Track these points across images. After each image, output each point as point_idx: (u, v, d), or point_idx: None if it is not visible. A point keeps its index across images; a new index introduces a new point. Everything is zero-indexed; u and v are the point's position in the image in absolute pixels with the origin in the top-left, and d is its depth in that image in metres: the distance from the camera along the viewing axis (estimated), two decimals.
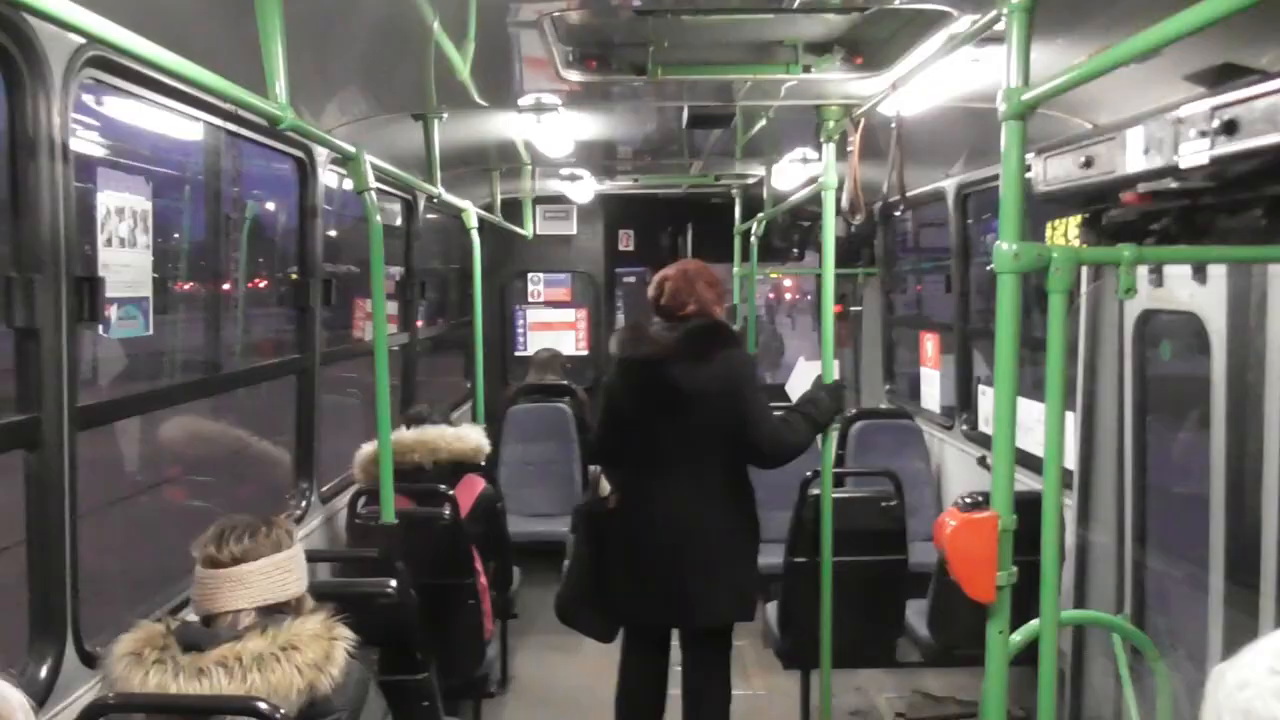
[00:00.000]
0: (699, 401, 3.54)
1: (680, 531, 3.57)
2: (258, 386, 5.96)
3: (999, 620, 2.12)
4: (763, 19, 2.93)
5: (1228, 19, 2.46)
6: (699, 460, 3.58)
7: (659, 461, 3.61)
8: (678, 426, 3.56)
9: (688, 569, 3.57)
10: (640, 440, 3.64)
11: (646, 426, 3.61)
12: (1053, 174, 3.44)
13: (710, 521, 3.59)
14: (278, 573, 2.11)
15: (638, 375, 3.65)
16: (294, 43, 2.53)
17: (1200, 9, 1.56)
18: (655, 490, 3.63)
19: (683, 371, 3.55)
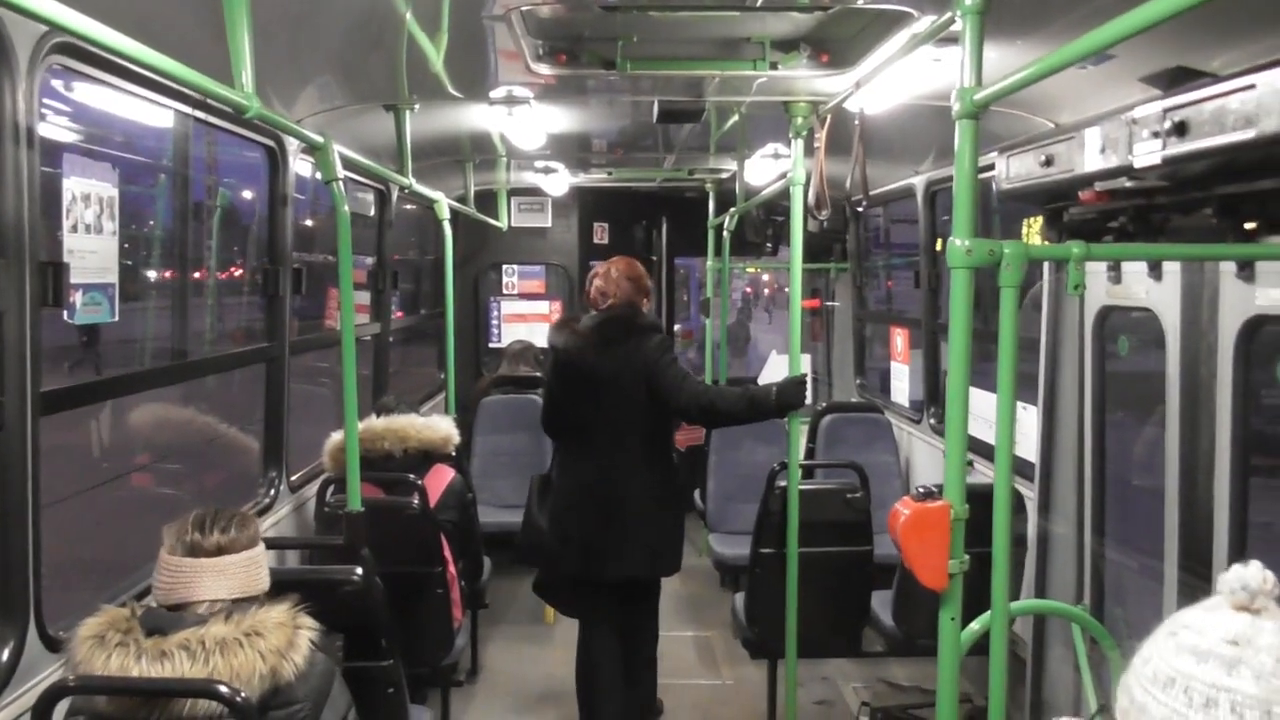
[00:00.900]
0: (611, 384, 4.00)
1: (598, 497, 4.05)
2: (230, 375, 5.96)
3: (950, 608, 2.17)
4: (730, 15, 2.96)
5: (1179, 23, 2.54)
6: (615, 435, 4.04)
7: (582, 437, 4.12)
8: (595, 406, 4.04)
9: (601, 528, 4.03)
10: (568, 419, 4.17)
11: (571, 407, 4.12)
12: (1014, 172, 3.50)
13: (624, 489, 4.03)
14: (253, 566, 2.14)
15: (562, 363, 4.14)
16: (266, 31, 2.55)
17: (1140, 12, 1.61)
18: (579, 461, 4.13)
19: (597, 357, 4.02)
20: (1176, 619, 1.29)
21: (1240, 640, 1.20)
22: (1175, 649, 1.24)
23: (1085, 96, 3.37)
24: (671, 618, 5.94)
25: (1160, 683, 1.24)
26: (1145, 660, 1.29)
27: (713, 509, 5.91)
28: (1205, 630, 1.23)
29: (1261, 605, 1.22)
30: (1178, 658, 1.23)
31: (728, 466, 5.89)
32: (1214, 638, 1.21)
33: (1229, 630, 1.21)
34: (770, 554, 4.08)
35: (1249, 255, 2.55)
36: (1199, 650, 1.22)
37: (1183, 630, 1.26)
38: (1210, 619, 1.24)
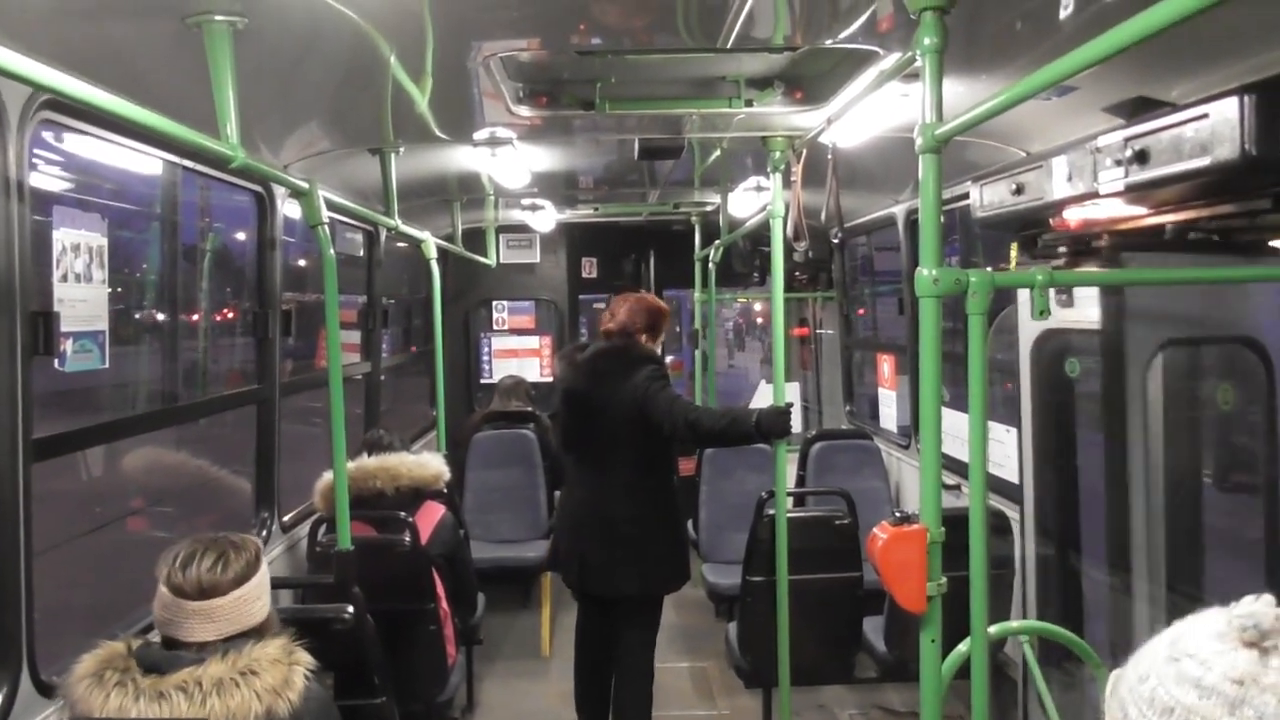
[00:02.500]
0: (605, 410, 4.23)
1: (593, 517, 4.28)
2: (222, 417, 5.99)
3: (930, 630, 2.21)
4: (704, 57, 3.04)
5: (1138, 55, 2.62)
6: (609, 459, 4.28)
7: (582, 459, 4.40)
8: (592, 431, 4.30)
9: (595, 547, 4.27)
10: (573, 444, 4.45)
11: (575, 432, 4.41)
12: (988, 200, 3.58)
13: (616, 510, 4.24)
14: (244, 604, 2.11)
15: (563, 390, 4.45)
16: (253, 79, 2.62)
17: (1089, 49, 1.67)
18: (580, 483, 4.41)
19: (592, 386, 4.28)
20: (1178, 643, 1.27)
21: (1245, 680, 1.19)
22: (1177, 678, 1.24)
23: (1053, 126, 3.46)
24: (666, 649, 5.94)
25: (1158, 709, 1.24)
26: (1142, 678, 1.28)
27: (705, 538, 5.94)
28: (1211, 664, 1.21)
29: (1271, 644, 1.21)
30: (1179, 687, 1.23)
31: (719, 496, 5.93)
32: (1219, 674, 1.20)
33: (1235, 668, 1.19)
34: (760, 582, 4.10)
35: (1216, 279, 2.62)
36: (1202, 685, 1.21)
37: (1186, 659, 1.24)
38: (1216, 651, 1.23)
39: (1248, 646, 1.22)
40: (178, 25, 2.18)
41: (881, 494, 5.80)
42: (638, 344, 4.31)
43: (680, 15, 2.60)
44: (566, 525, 4.46)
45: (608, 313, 4.43)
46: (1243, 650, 1.22)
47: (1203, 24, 2.35)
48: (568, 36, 2.79)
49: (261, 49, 2.49)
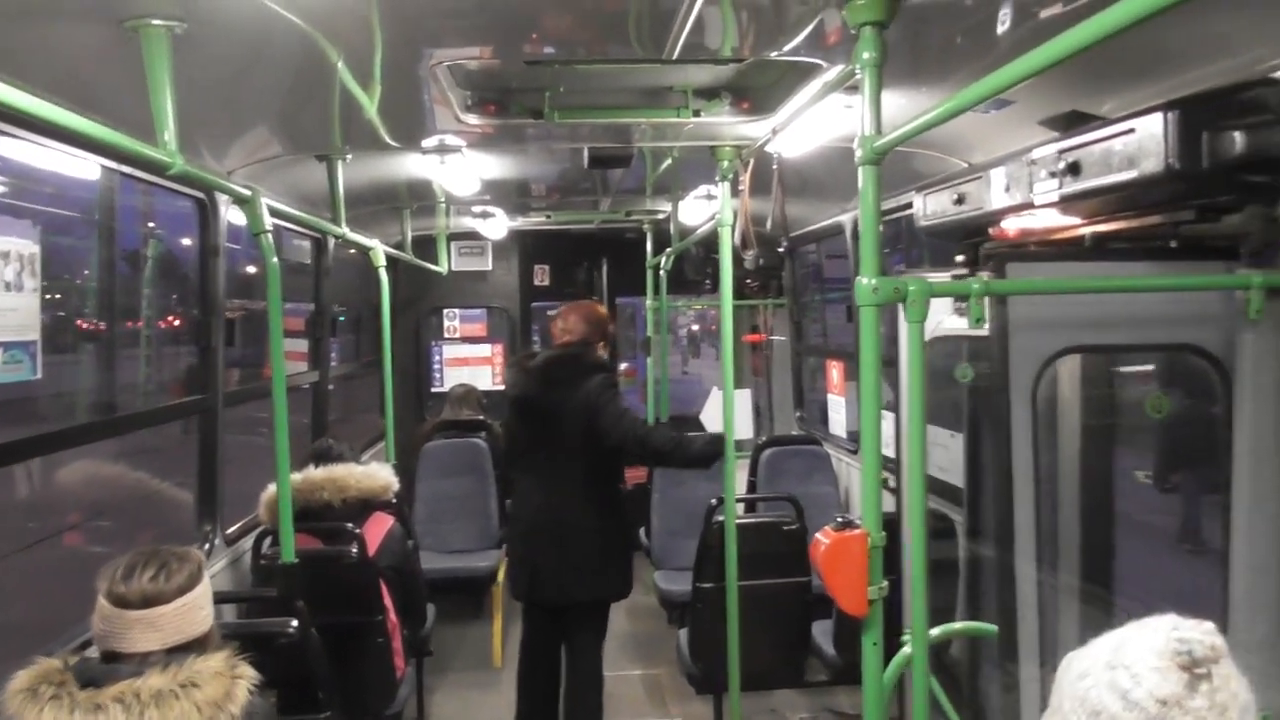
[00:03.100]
0: (556, 418, 4.30)
1: (544, 525, 4.33)
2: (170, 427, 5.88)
3: (872, 633, 2.25)
4: (651, 67, 3.06)
5: (1072, 71, 2.69)
6: (560, 466, 4.34)
7: (532, 467, 4.45)
8: (543, 439, 4.36)
9: (546, 555, 4.32)
10: (522, 451, 4.50)
11: (524, 439, 4.47)
12: (931, 210, 3.64)
13: (566, 518, 4.31)
14: (188, 612, 2.08)
15: (513, 397, 4.47)
16: (193, 85, 2.58)
17: (1018, 65, 1.72)
18: (530, 491, 4.46)
19: (543, 393, 4.33)
20: (1120, 650, 1.32)
21: (1170, 701, 1.25)
22: (1109, 684, 1.29)
23: (993, 138, 3.54)
24: (619, 656, 5.96)
25: (1088, 709, 1.29)
26: (1081, 675, 1.33)
27: (657, 546, 5.96)
28: (1141, 680, 1.26)
29: (1202, 672, 1.27)
30: (1109, 694, 1.28)
31: (671, 503, 5.95)
32: (1146, 690, 1.25)
33: (1162, 688, 1.25)
34: (710, 588, 4.13)
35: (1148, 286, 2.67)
36: (1129, 698, 1.26)
37: (1121, 669, 1.29)
38: (1150, 668, 1.27)
39: (1181, 670, 1.27)
40: (114, 29, 2.15)
41: (831, 499, 5.86)
42: (590, 352, 4.40)
43: (629, 26, 2.62)
44: (518, 534, 4.48)
45: (558, 322, 4.48)
46: (1175, 672, 1.26)
47: (1132, 41, 2.42)
48: (517, 45, 2.79)
49: (202, 54, 2.46)
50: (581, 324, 4.40)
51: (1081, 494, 3.01)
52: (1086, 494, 3.01)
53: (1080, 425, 2.98)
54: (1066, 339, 2.58)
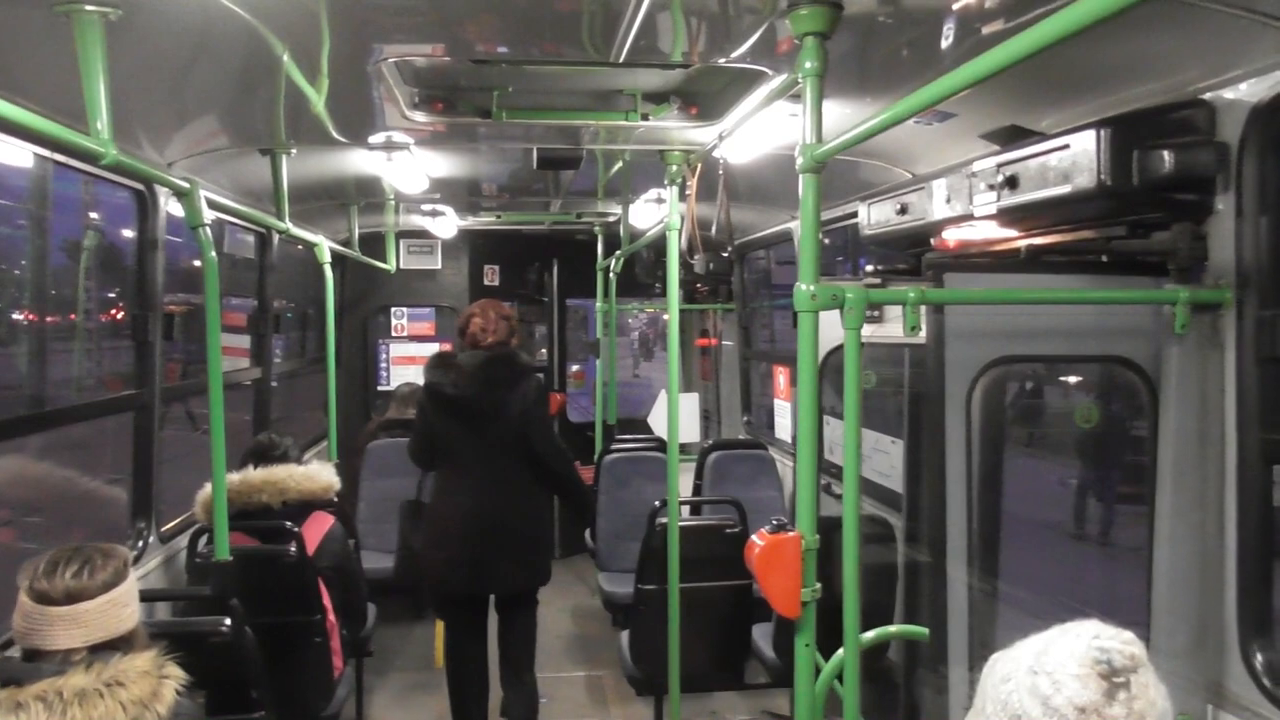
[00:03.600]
0: (495, 417, 4.39)
1: (483, 521, 4.38)
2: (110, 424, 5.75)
3: (805, 634, 2.28)
4: (600, 70, 3.06)
5: (1013, 86, 2.75)
6: (497, 464, 4.42)
7: (463, 466, 4.46)
8: (479, 438, 4.41)
9: (487, 549, 4.38)
10: (449, 450, 4.50)
11: (454, 439, 4.45)
12: (875, 219, 3.70)
13: (506, 513, 4.42)
14: (112, 609, 2.07)
15: (447, 397, 4.41)
16: (130, 74, 2.53)
17: (951, 79, 1.75)
18: (461, 489, 4.46)
19: (482, 393, 4.37)
20: (1043, 656, 1.34)
21: (1088, 709, 1.27)
22: (1031, 690, 1.31)
23: (938, 150, 3.59)
24: (562, 658, 5.96)
25: (1009, 714, 1.32)
26: (1004, 679, 1.36)
27: (603, 548, 5.95)
28: (1061, 687, 1.29)
29: (1120, 680, 1.30)
30: (1030, 699, 1.31)
31: (617, 505, 5.95)
32: (1065, 698, 1.28)
33: (1081, 696, 1.28)
34: (652, 590, 4.15)
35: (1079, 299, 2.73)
36: (1049, 705, 1.29)
37: (1043, 675, 1.31)
38: (1071, 675, 1.30)
39: (1100, 678, 1.30)
40: (45, 13, 2.10)
41: (775, 503, 5.90)
42: (519, 353, 4.56)
43: (582, 28, 2.62)
44: (453, 533, 4.43)
45: (478, 320, 4.49)
46: (1094, 681, 1.30)
47: (1069, 59, 2.50)
48: (465, 44, 2.78)
49: (140, 42, 2.41)
50: (504, 324, 4.49)
51: (1012, 500, 3.07)
52: (1018, 500, 3.08)
53: (1013, 433, 3.05)
54: (1001, 349, 2.64)
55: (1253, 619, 2.43)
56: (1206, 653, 2.51)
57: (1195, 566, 2.52)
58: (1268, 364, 2.38)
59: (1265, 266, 2.35)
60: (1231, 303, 2.39)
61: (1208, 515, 2.50)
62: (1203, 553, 2.51)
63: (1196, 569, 2.52)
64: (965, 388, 2.61)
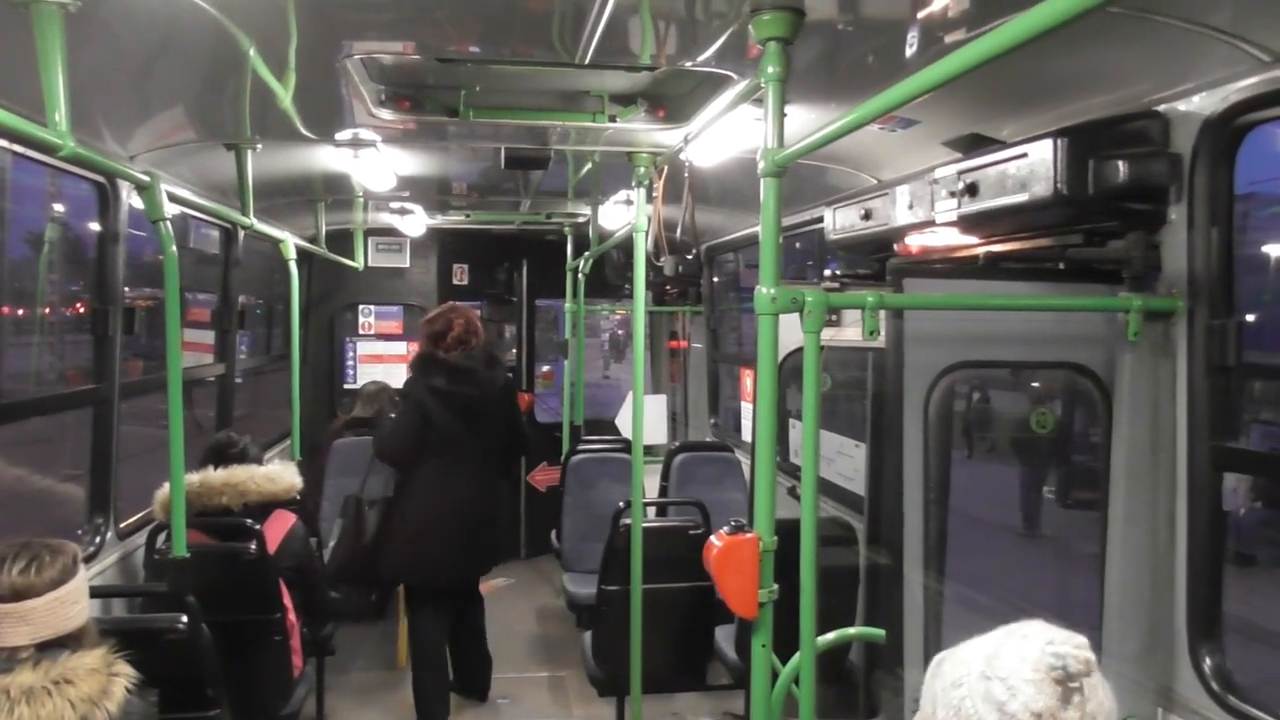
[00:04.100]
0: (486, 412, 4.72)
1: (474, 511, 4.76)
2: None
3: (761, 635, 2.29)
4: (567, 71, 3.07)
5: (973, 95, 2.79)
6: (485, 456, 4.80)
7: (457, 461, 4.70)
8: (473, 433, 4.69)
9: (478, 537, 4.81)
10: (443, 446, 4.68)
11: (439, 432, 4.66)
12: (840, 224, 3.73)
13: (489, 501, 4.90)
14: (61, 606, 2.05)
15: (447, 393, 4.61)
16: (91, 65, 2.51)
17: (905, 86, 1.78)
18: (456, 483, 4.70)
19: (480, 390, 4.67)
20: (994, 660, 1.35)
21: (1044, 715, 1.28)
22: (985, 695, 1.32)
23: (903, 155, 3.63)
24: (526, 658, 5.95)
25: (961, 718, 1.33)
26: (955, 684, 1.36)
27: (568, 549, 5.95)
28: (1016, 693, 1.30)
29: (1075, 685, 1.31)
30: (984, 705, 1.31)
31: (582, 506, 5.96)
32: (1020, 704, 1.29)
33: (1037, 701, 1.29)
34: (615, 591, 4.15)
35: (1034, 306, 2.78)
36: (1004, 710, 1.29)
37: (997, 681, 1.32)
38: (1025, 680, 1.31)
39: (1055, 684, 1.31)
40: (3, 4, 2.07)
41: (741, 505, 5.92)
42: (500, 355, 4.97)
43: (545, 29, 2.62)
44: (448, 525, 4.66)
45: (459, 322, 4.77)
46: (1050, 686, 1.31)
47: (1027, 69, 2.54)
48: (432, 42, 2.78)
49: (101, 34, 2.39)
50: (478, 325, 4.84)
51: (968, 503, 3.12)
52: (974, 503, 3.12)
53: (970, 437, 3.09)
54: (958, 354, 2.68)
55: (1202, 623, 2.48)
56: (1157, 656, 2.55)
57: (1146, 571, 2.56)
58: (1217, 373, 2.43)
59: (1216, 276, 2.40)
60: (1183, 311, 2.44)
61: (1159, 521, 2.54)
62: (1154, 558, 2.55)
63: (1148, 574, 2.56)
64: (923, 392, 2.64)
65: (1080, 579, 3.30)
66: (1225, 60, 2.20)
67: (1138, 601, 2.57)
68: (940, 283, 2.72)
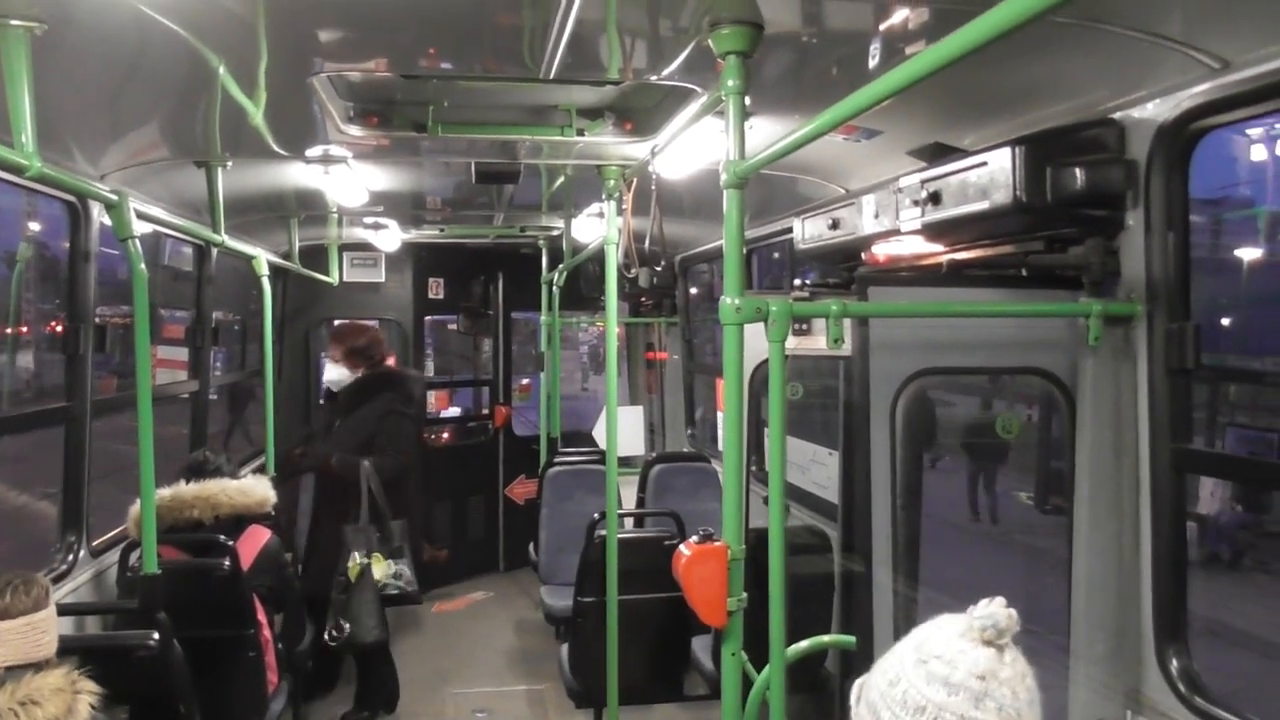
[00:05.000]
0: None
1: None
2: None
3: (731, 643, 2.30)
4: (533, 86, 3.09)
5: (936, 105, 2.83)
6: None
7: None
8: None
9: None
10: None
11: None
12: (809, 234, 3.77)
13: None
14: (33, 632, 2.07)
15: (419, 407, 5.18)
16: (59, 87, 2.51)
17: (857, 97, 1.81)
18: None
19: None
20: (924, 645, 1.39)
21: (987, 675, 1.33)
22: (927, 678, 1.36)
23: (869, 165, 3.67)
24: (504, 671, 5.94)
25: (911, 709, 1.36)
26: (892, 682, 1.39)
27: (545, 561, 5.95)
28: (956, 663, 1.34)
29: (1005, 642, 1.36)
30: (929, 687, 1.35)
31: (559, 518, 5.96)
32: (964, 671, 1.34)
33: (977, 665, 1.34)
34: (591, 602, 4.16)
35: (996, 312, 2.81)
36: (950, 683, 1.34)
37: (934, 660, 1.36)
38: (959, 650, 1.36)
39: (986, 645, 1.36)
40: None
41: (717, 515, 5.89)
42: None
43: (509, 44, 2.65)
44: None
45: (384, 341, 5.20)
46: (983, 648, 1.36)
47: (986, 78, 2.59)
48: (399, 58, 2.79)
49: (69, 55, 2.40)
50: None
51: (938, 508, 3.15)
52: (942, 508, 3.15)
53: (937, 443, 3.12)
54: (924, 361, 2.70)
55: (1168, 626, 2.51)
56: (1124, 659, 2.58)
57: (1113, 574, 2.59)
58: (1176, 375, 2.47)
59: (1173, 280, 2.44)
60: (1142, 315, 2.48)
61: (1124, 524, 2.58)
62: (1119, 561, 2.58)
63: (1114, 577, 2.59)
64: (890, 399, 2.67)
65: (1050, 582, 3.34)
66: (1178, 68, 2.25)
67: (1105, 604, 2.60)
68: (905, 290, 2.75)
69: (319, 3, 2.27)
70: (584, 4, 2.16)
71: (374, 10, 2.31)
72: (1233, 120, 2.28)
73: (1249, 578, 10.69)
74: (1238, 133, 17.47)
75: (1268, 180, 18.62)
